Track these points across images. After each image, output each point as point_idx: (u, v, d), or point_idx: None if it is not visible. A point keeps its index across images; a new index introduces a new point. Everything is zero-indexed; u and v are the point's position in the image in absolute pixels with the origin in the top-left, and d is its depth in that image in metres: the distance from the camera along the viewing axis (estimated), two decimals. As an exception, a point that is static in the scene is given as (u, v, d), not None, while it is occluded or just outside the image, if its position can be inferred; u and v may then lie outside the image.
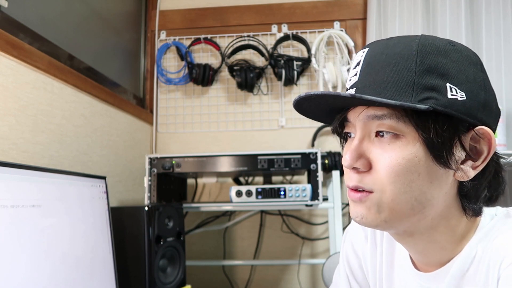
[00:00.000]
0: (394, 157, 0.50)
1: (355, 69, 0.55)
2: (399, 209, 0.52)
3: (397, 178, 0.50)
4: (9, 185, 0.75)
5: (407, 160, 0.50)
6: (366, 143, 0.54)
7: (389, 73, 0.51)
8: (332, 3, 1.91)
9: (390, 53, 0.52)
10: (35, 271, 0.78)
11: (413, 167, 0.50)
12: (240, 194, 1.38)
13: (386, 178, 0.51)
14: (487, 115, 0.52)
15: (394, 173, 0.50)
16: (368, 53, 0.54)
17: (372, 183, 0.52)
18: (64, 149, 1.22)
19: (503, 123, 1.48)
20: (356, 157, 0.53)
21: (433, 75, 0.50)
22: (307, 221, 1.83)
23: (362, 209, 0.54)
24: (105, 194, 1.08)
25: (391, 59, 0.51)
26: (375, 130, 0.53)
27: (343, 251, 0.76)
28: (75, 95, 1.29)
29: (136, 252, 1.15)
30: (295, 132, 1.87)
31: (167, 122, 1.95)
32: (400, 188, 0.51)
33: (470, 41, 1.70)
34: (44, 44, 1.23)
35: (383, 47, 0.53)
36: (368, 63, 0.53)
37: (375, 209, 0.53)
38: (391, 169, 0.50)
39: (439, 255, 0.56)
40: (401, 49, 0.52)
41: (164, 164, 1.43)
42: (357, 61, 0.55)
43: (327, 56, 1.85)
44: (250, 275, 1.84)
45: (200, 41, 1.92)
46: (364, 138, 0.54)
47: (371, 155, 0.53)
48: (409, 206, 0.51)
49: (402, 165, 0.50)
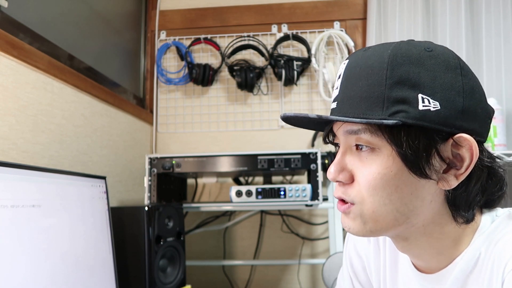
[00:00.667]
0: (371, 171, 0.52)
1: (338, 81, 0.56)
2: (382, 220, 0.52)
3: (375, 191, 0.51)
4: (9, 185, 0.75)
5: (383, 175, 0.51)
6: (348, 156, 0.55)
7: (362, 88, 0.52)
8: (332, 3, 1.91)
9: (364, 66, 0.52)
10: (35, 271, 0.78)
11: (390, 180, 0.51)
12: (240, 194, 1.38)
13: (365, 191, 0.52)
14: (469, 121, 0.50)
15: (371, 187, 0.51)
16: (348, 66, 0.55)
17: (354, 195, 0.54)
18: (64, 149, 1.22)
19: (503, 123, 1.48)
20: (339, 170, 0.55)
21: (404, 87, 0.49)
22: (307, 221, 1.83)
23: (348, 220, 0.55)
24: (105, 194, 1.08)
25: (364, 73, 0.52)
26: (354, 143, 0.54)
27: (346, 253, 0.76)
28: (75, 95, 1.29)
29: (136, 252, 1.15)
30: (295, 132, 1.86)
31: (167, 122, 1.95)
32: (379, 201, 0.52)
33: (470, 41, 1.70)
34: (44, 44, 1.23)
35: (359, 59, 0.54)
36: (346, 76, 0.54)
37: (359, 220, 0.54)
38: (369, 183, 0.52)
39: (436, 260, 0.56)
40: (373, 61, 0.52)
41: (164, 164, 1.43)
42: (339, 73, 0.56)
43: (327, 56, 1.85)
44: (250, 275, 1.84)
45: (200, 41, 1.92)
46: (347, 151, 0.55)
47: (353, 168, 0.54)
48: (392, 217, 0.52)
49: (378, 179, 0.51)
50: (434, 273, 0.57)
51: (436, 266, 0.56)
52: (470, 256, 0.53)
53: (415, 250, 0.57)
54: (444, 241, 0.54)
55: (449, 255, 0.55)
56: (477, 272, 0.52)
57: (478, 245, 0.53)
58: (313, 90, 1.88)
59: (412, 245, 0.56)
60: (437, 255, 0.55)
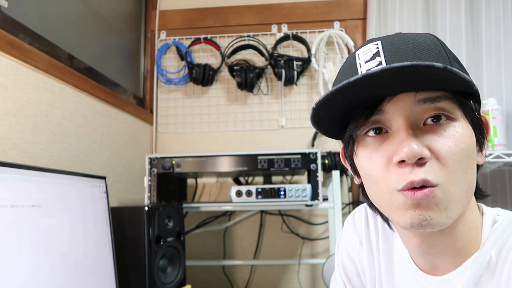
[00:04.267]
0: (456, 143, 0.47)
1: (374, 60, 0.48)
2: (459, 199, 0.47)
3: (459, 166, 0.46)
4: (9, 185, 0.75)
5: (467, 144, 0.47)
6: (415, 131, 0.47)
7: (427, 59, 0.47)
8: (332, 3, 1.91)
9: (415, 43, 0.48)
10: (35, 271, 0.78)
11: (471, 151, 0.48)
12: (240, 194, 1.38)
13: (450, 167, 0.46)
14: None
15: (457, 161, 0.46)
16: (386, 44, 0.49)
17: (438, 174, 0.46)
18: (64, 149, 1.22)
19: (503, 123, 1.48)
20: (421, 144, 0.46)
21: (458, 64, 0.50)
22: (307, 221, 1.83)
23: (428, 209, 0.46)
24: (105, 194, 1.08)
25: (422, 47, 0.48)
26: (426, 115, 0.48)
27: (338, 257, 0.73)
28: (75, 95, 1.29)
29: (136, 252, 1.15)
30: (295, 132, 1.87)
31: (167, 122, 1.95)
32: (460, 176, 0.47)
33: (470, 41, 1.70)
34: (44, 44, 1.23)
35: (401, 38, 0.50)
36: (394, 52, 0.48)
37: (443, 206, 0.46)
38: (454, 156, 0.46)
39: (447, 261, 0.54)
40: (424, 40, 0.49)
41: (164, 164, 1.43)
42: (373, 52, 0.49)
43: (327, 56, 1.85)
44: (250, 275, 1.84)
45: (200, 41, 1.92)
46: (410, 127, 0.47)
47: (430, 142, 0.47)
48: (464, 194, 0.48)
49: (464, 151, 0.47)
50: (440, 275, 0.55)
51: (444, 268, 0.55)
52: (481, 259, 0.52)
53: (436, 248, 0.53)
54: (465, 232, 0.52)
55: (462, 255, 0.53)
56: (488, 277, 0.51)
57: (488, 248, 0.52)
58: (313, 90, 1.88)
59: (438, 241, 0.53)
60: (451, 255, 0.53)
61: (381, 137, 0.50)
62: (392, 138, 0.49)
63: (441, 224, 0.47)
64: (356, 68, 0.50)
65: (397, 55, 0.47)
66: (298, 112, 1.88)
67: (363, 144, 0.52)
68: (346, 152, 0.57)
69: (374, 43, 0.50)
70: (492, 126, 1.47)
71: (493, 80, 1.66)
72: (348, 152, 0.56)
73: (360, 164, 0.53)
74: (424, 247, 0.55)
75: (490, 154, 1.42)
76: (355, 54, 0.52)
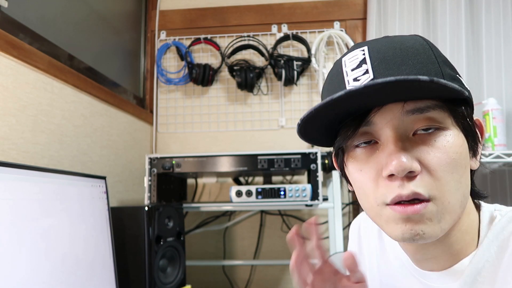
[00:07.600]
0: (447, 153, 0.46)
1: (361, 67, 0.48)
2: (454, 210, 0.46)
3: (451, 177, 0.45)
4: (9, 185, 0.75)
5: (459, 154, 0.46)
6: (405, 143, 0.46)
7: (416, 65, 0.46)
8: (332, 3, 1.91)
9: (402, 47, 0.48)
10: (35, 271, 0.78)
11: (463, 159, 0.47)
12: (240, 194, 1.38)
13: (443, 178, 0.45)
14: None
15: (448, 172, 0.45)
16: (373, 50, 0.48)
17: (430, 186, 0.45)
18: (64, 149, 1.22)
19: (503, 123, 1.48)
20: (411, 157, 0.45)
21: (448, 67, 0.49)
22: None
23: (420, 224, 0.45)
24: (105, 194, 1.08)
25: (409, 52, 0.47)
26: (415, 126, 0.47)
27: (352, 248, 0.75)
28: (75, 95, 1.29)
29: (136, 252, 1.15)
30: (295, 132, 1.85)
31: (167, 122, 1.95)
32: (454, 186, 0.46)
33: (470, 41, 1.70)
34: (44, 44, 1.23)
35: (388, 43, 0.49)
36: (381, 59, 0.47)
37: (436, 219, 0.45)
38: (445, 167, 0.45)
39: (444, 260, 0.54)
40: (412, 44, 0.48)
41: (164, 164, 1.43)
42: (360, 59, 0.48)
43: (327, 56, 1.85)
44: (250, 275, 1.84)
45: (200, 41, 1.92)
46: (400, 139, 0.46)
47: (420, 154, 0.46)
48: (459, 204, 0.47)
49: (455, 161, 0.46)
50: (439, 271, 0.54)
51: (442, 265, 0.54)
52: (479, 258, 0.51)
53: (432, 253, 0.53)
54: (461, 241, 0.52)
55: (459, 257, 0.53)
56: (488, 272, 0.50)
57: (487, 245, 0.51)
58: (313, 90, 1.88)
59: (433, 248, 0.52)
60: (447, 259, 0.53)
61: (371, 148, 0.49)
62: (381, 149, 0.48)
63: (434, 236, 0.46)
64: (343, 76, 0.50)
65: (384, 61, 0.47)
66: (298, 112, 1.88)
67: (353, 156, 0.51)
68: (337, 162, 0.57)
69: (360, 49, 0.50)
70: (492, 126, 1.47)
71: (493, 80, 1.66)
72: (339, 163, 0.56)
73: (351, 176, 0.53)
74: (419, 254, 0.55)
75: (490, 154, 1.42)
76: (341, 61, 0.52)
